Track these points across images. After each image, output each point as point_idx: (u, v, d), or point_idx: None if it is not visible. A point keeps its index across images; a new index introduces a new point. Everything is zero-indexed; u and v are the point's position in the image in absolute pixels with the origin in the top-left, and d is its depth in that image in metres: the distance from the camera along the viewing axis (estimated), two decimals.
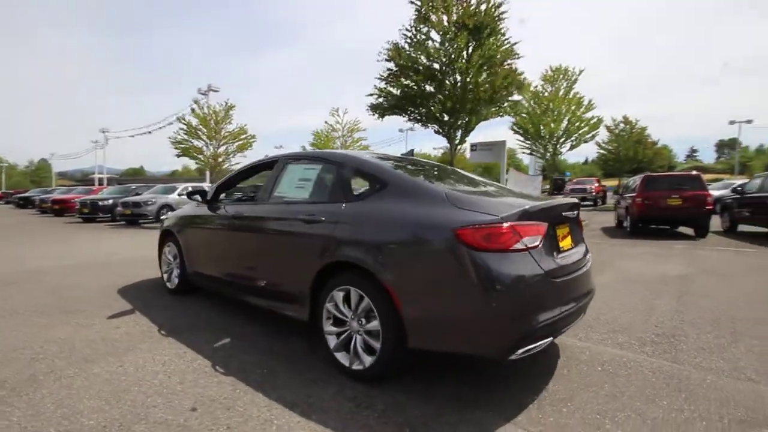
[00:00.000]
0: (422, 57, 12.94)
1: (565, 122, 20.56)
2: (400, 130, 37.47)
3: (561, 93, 19.17)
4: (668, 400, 2.23)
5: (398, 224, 2.27)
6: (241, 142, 16.15)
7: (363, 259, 2.33)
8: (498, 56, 12.47)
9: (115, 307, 3.89)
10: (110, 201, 16.37)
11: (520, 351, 2.01)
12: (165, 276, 4.48)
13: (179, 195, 15.35)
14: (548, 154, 22.70)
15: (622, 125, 25.96)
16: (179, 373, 2.52)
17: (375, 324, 2.31)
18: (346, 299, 2.48)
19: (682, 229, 10.62)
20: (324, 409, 2.14)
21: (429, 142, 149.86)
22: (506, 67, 12.62)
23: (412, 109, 14.01)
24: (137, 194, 16.78)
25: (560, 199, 2.56)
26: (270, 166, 3.45)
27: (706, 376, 2.50)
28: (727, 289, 4.62)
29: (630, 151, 26.40)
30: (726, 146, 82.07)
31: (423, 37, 13.01)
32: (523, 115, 19.20)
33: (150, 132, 33.24)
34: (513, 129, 18.21)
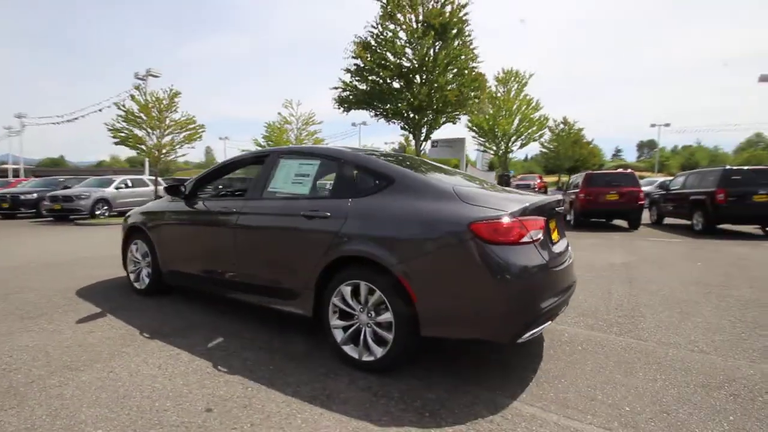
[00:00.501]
0: (389, 55, 13.06)
1: (516, 122, 21.89)
2: (353, 124, 37.42)
3: (512, 94, 20.31)
4: (643, 372, 2.55)
5: (412, 219, 2.35)
6: (188, 132, 15.16)
7: (375, 253, 2.39)
8: (462, 57, 12.90)
9: (81, 311, 3.59)
10: (34, 195, 14.74)
11: (527, 335, 2.20)
12: (132, 276, 4.20)
13: (117, 189, 14.20)
14: (500, 152, 24.01)
15: (562, 126, 28.22)
16: (180, 375, 2.42)
17: (387, 316, 2.38)
18: (355, 293, 2.53)
19: (616, 221, 11.77)
20: (343, 400, 2.18)
21: (380, 137, 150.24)
22: (474, 72, 13.12)
23: (380, 105, 14.07)
24: (66, 187, 15.25)
25: (550, 196, 2.79)
26: (258, 160, 3.37)
27: (668, 350, 2.88)
28: (666, 274, 5.26)
29: (569, 150, 28.78)
30: (645, 146, 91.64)
31: (390, 34, 13.15)
32: (482, 114, 20.12)
33: (75, 119, 30.10)
34: (468, 126, 19.03)
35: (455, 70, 13.26)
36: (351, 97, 14.54)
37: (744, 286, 4.66)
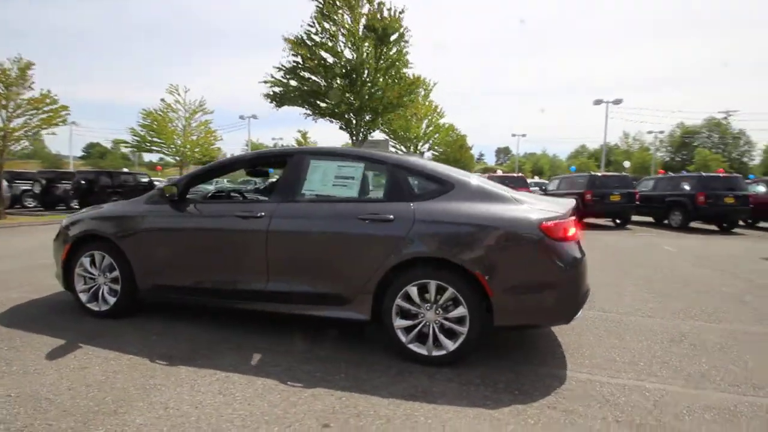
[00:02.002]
0: (328, 56, 12.70)
1: (423, 126, 23.51)
2: (241, 117, 34.88)
3: (419, 100, 21.75)
4: (628, 336, 3.27)
5: (485, 221, 2.57)
6: (47, 115, 12.04)
7: (452, 254, 2.55)
8: (400, 61, 13.27)
9: (38, 345, 2.83)
10: None
11: (578, 315, 2.65)
12: (84, 296, 3.42)
13: None
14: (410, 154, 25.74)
15: (451, 132, 31.53)
16: (256, 398, 2.20)
17: (460, 311, 2.57)
18: (421, 292, 2.64)
19: None
20: (440, 393, 2.30)
21: (269, 132, 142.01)
22: (411, 76, 13.58)
23: (318, 103, 13.51)
24: None
25: (572, 200, 3.29)
26: (277, 160, 3.15)
27: (630, 318, 3.71)
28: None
29: (456, 154, 32.38)
30: (502, 152, 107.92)
31: (328, 36, 12.84)
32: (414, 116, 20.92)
33: None
34: (381, 129, 19.61)
35: (393, 73, 13.63)
36: (287, 93, 13.71)
37: (638, 266, 6.11)
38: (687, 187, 11.15)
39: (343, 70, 13.18)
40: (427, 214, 2.65)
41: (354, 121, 14.02)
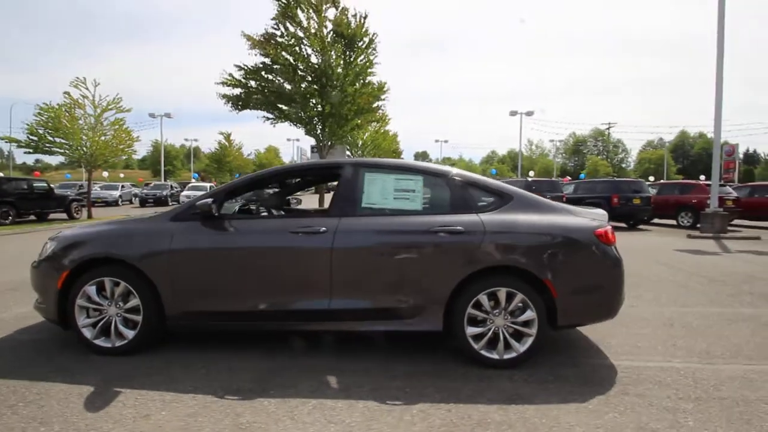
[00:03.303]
0: (291, 59, 11.92)
1: (370, 131, 23.62)
2: (151, 115, 31.42)
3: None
4: (637, 325, 3.78)
5: (548, 230, 2.81)
6: None
7: (522, 261, 2.73)
8: (369, 66, 13.00)
9: (66, 395, 2.36)
10: None
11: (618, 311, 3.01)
12: (87, 332, 2.91)
13: None
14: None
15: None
16: (371, 422, 2.13)
17: (528, 314, 2.76)
18: (490, 299, 2.78)
19: None
20: (530, 394, 2.46)
21: (180, 132, 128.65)
22: (379, 82, 13.35)
23: (281, 107, 12.56)
24: None
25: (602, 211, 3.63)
26: (328, 172, 3.03)
27: (629, 309, 4.29)
28: None
29: (390, 157, 33.63)
30: (420, 157, 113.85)
31: (292, 38, 12.07)
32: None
33: None
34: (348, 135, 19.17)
35: (362, 79, 13.34)
36: (249, 96, 12.56)
37: None
38: (601, 191, 13.00)
39: (312, 74, 12.71)
40: (496, 225, 2.80)
41: (320, 127, 13.51)
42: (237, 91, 13.28)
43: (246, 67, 13.27)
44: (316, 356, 2.96)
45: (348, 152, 23.56)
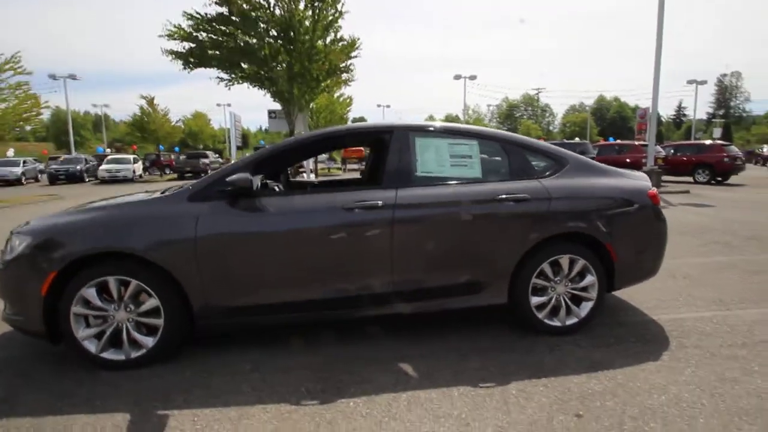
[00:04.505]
0: (255, 10, 10.15)
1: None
2: (52, 77, 26.53)
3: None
4: (649, 283, 4.00)
5: (607, 193, 2.75)
6: None
7: (586, 227, 2.66)
8: (339, 17, 11.52)
9: (94, 427, 1.86)
10: None
11: None
12: (90, 345, 2.36)
13: None
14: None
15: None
16: (483, 411, 1.98)
17: (589, 279, 2.73)
18: (553, 267, 2.70)
19: None
20: (605, 360, 2.46)
21: (84, 97, 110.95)
22: (350, 36, 11.89)
23: (242, 65, 10.74)
24: None
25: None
26: (371, 138, 2.65)
27: None
28: None
29: (338, 123, 32.13)
30: (357, 121, 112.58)
31: None
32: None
33: None
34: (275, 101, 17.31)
35: (333, 34, 11.89)
36: (204, 52, 10.54)
37: None
38: None
39: (277, 27, 11.11)
40: (560, 190, 2.68)
41: (287, 88, 11.98)
42: (188, 46, 11.22)
43: (199, 16, 11.15)
44: (366, 344, 2.69)
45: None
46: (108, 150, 39.00)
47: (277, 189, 3.16)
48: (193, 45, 10.97)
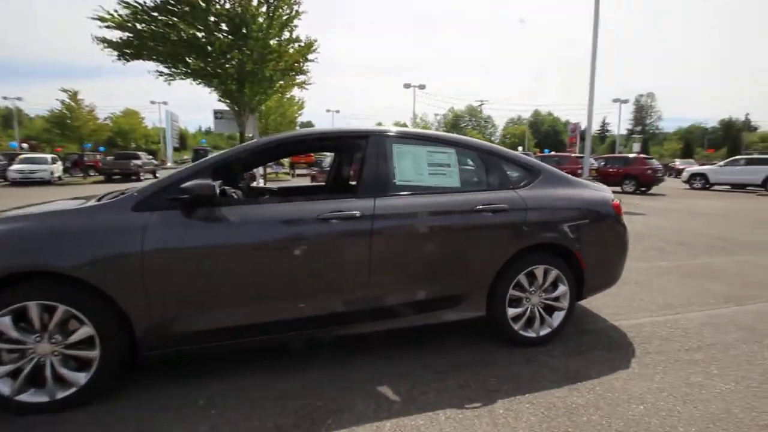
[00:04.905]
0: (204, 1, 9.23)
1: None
2: None
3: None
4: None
5: (576, 204, 2.79)
6: None
7: (560, 237, 2.68)
8: (295, 17, 10.74)
9: None
10: None
11: None
12: (3, 386, 1.92)
13: None
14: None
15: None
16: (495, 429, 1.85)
17: (561, 289, 2.75)
18: (528, 278, 2.69)
19: None
20: (594, 370, 2.47)
21: None
22: (308, 37, 11.11)
23: (192, 62, 9.52)
24: None
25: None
26: (344, 142, 2.47)
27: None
28: None
29: (288, 127, 30.77)
30: (305, 127, 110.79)
31: None
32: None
33: None
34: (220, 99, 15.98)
35: (288, 34, 11.12)
36: (142, 42, 9.18)
37: None
38: None
39: (227, 21, 10.24)
40: (535, 201, 2.67)
41: (237, 87, 11.09)
42: (125, 35, 10.02)
43: (137, 4, 9.99)
44: (339, 366, 2.48)
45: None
46: (17, 147, 34.53)
47: (236, 196, 2.86)
48: (130, 35, 9.89)
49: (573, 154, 17.56)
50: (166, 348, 2.10)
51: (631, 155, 18.13)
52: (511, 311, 2.67)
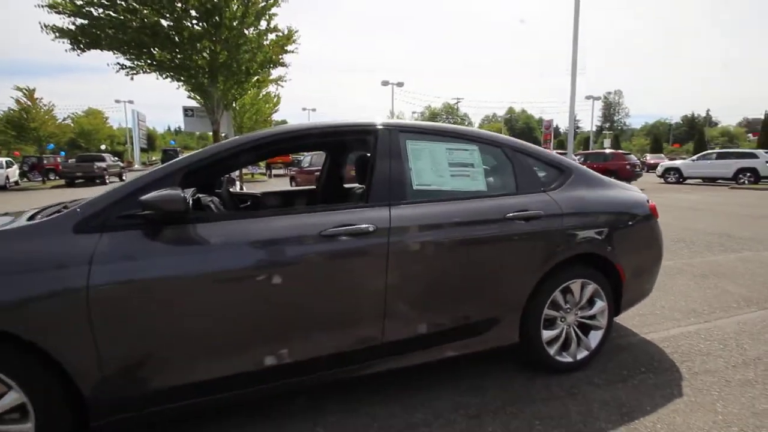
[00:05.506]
0: None
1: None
2: None
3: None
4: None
5: (616, 207, 2.46)
6: None
7: (600, 246, 2.33)
8: (274, 5, 9.91)
9: None
10: None
11: None
12: None
13: None
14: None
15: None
16: None
17: (599, 305, 2.41)
18: (564, 295, 2.33)
19: None
20: (632, 395, 2.14)
21: None
22: (288, 28, 10.27)
23: (152, 51, 8.51)
24: None
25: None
26: (342, 139, 2.02)
27: None
28: None
29: (265, 125, 29.69)
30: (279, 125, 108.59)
31: None
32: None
33: None
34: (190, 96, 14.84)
35: (266, 24, 10.38)
36: (103, 30, 8.08)
37: None
38: None
39: (198, 7, 9.27)
40: (571, 205, 2.30)
41: (209, 81, 10.18)
42: (79, 21, 9.01)
43: None
44: (350, 412, 2.04)
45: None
46: None
47: (213, 207, 2.36)
48: (84, 21, 8.90)
49: (556, 151, 17.62)
50: (127, 412, 1.60)
51: (608, 151, 18.38)
52: (546, 334, 2.30)
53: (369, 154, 2.12)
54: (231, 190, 3.24)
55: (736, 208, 10.18)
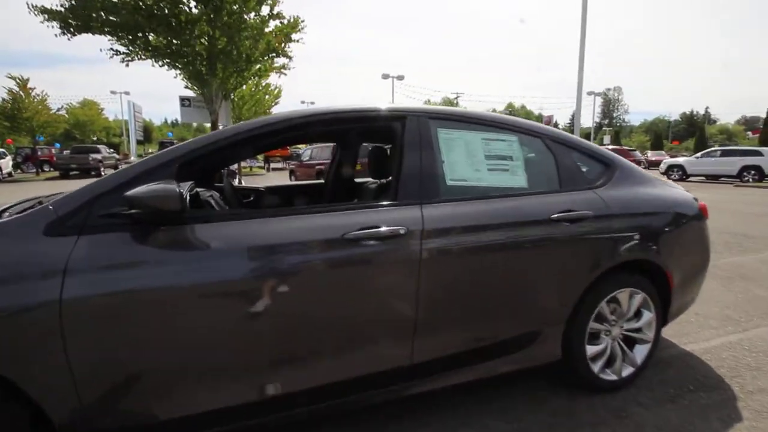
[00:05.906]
0: None
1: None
2: None
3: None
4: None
5: (666, 207, 2.22)
6: None
7: (651, 251, 2.09)
8: None
9: None
10: None
11: None
12: None
13: None
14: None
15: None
16: None
17: (647, 317, 2.17)
18: (609, 305, 2.08)
19: None
20: (685, 418, 1.90)
21: None
22: (293, 16, 9.89)
23: (147, 37, 8.06)
24: None
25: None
26: (367, 125, 1.75)
27: None
28: None
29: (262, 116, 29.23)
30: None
31: None
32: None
33: None
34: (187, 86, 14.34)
35: (267, 6, 9.87)
36: (94, 11, 7.62)
37: None
38: None
39: None
40: (620, 204, 2.05)
41: (206, 69, 9.68)
42: (68, 2, 8.47)
43: None
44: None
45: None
46: None
47: (214, 203, 2.08)
48: (74, 2, 8.36)
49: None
50: None
51: (611, 147, 18.15)
52: (590, 349, 2.06)
53: (391, 146, 1.85)
54: (233, 183, 2.96)
55: (742, 206, 9.98)
